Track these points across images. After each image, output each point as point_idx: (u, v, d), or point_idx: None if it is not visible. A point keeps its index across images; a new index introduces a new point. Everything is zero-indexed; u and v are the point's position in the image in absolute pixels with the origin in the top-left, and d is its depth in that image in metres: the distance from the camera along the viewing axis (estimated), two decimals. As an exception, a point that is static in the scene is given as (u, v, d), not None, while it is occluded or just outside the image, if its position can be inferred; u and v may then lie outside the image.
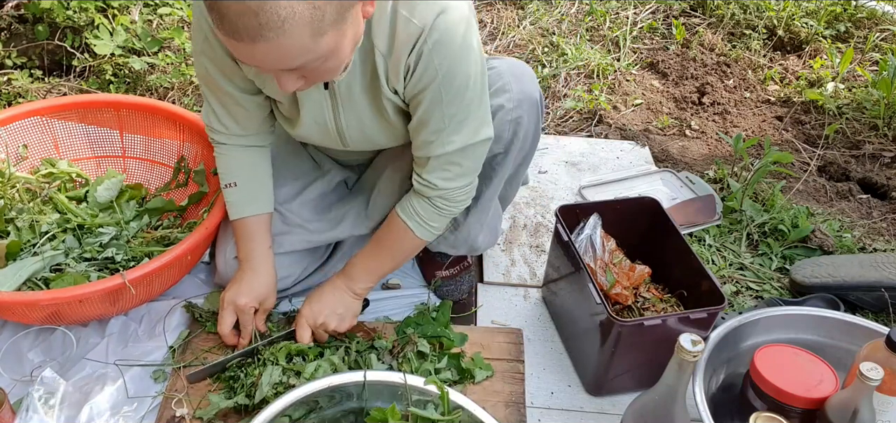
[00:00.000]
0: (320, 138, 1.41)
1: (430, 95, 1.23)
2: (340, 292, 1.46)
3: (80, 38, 2.56)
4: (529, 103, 1.40)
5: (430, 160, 1.31)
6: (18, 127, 1.75)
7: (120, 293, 1.39)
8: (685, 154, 2.35)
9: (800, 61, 2.97)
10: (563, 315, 1.61)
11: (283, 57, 0.99)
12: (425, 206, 1.38)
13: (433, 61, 1.19)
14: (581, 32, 3.02)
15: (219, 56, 1.29)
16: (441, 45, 1.18)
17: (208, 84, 1.37)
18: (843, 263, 1.74)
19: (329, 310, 1.44)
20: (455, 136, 1.28)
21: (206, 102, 1.42)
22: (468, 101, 1.25)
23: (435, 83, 1.21)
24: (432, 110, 1.25)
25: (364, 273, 1.46)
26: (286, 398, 1.23)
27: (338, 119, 1.34)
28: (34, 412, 1.30)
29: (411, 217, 1.39)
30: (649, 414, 1.15)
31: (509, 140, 1.41)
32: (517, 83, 1.39)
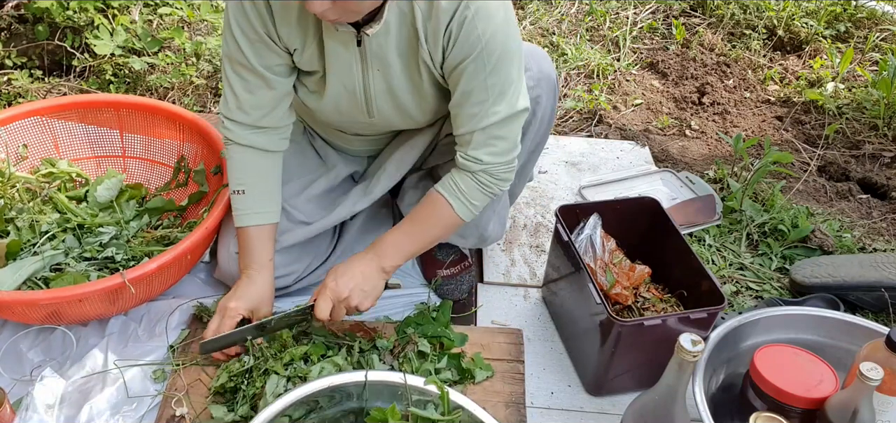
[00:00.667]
0: (347, 107, 1.38)
1: (472, 64, 1.23)
2: (369, 267, 1.40)
3: (80, 38, 2.56)
4: (548, 82, 1.42)
5: (474, 134, 1.31)
6: (18, 127, 1.76)
7: (120, 293, 1.39)
8: (685, 154, 2.36)
9: (800, 61, 2.97)
10: (563, 315, 1.61)
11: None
12: (469, 182, 1.36)
13: (476, 29, 1.19)
14: (581, 32, 3.02)
15: (255, 29, 1.28)
16: (483, 11, 1.18)
17: (236, 63, 1.34)
18: (843, 263, 1.74)
19: (355, 285, 1.38)
20: (498, 106, 1.27)
21: (228, 89, 1.38)
22: (508, 69, 1.25)
23: (477, 51, 1.21)
24: (475, 80, 1.25)
25: (395, 249, 1.42)
26: (286, 398, 1.23)
27: (367, 83, 1.32)
28: (34, 411, 1.30)
29: (453, 194, 1.37)
30: (649, 414, 1.15)
31: (528, 120, 1.41)
32: (536, 62, 1.40)
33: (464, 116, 1.31)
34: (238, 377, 1.38)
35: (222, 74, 1.39)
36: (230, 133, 1.42)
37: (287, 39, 1.30)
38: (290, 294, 1.62)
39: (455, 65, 1.25)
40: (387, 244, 1.42)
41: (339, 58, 1.30)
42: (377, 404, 1.26)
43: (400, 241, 1.42)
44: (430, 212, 1.41)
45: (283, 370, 1.37)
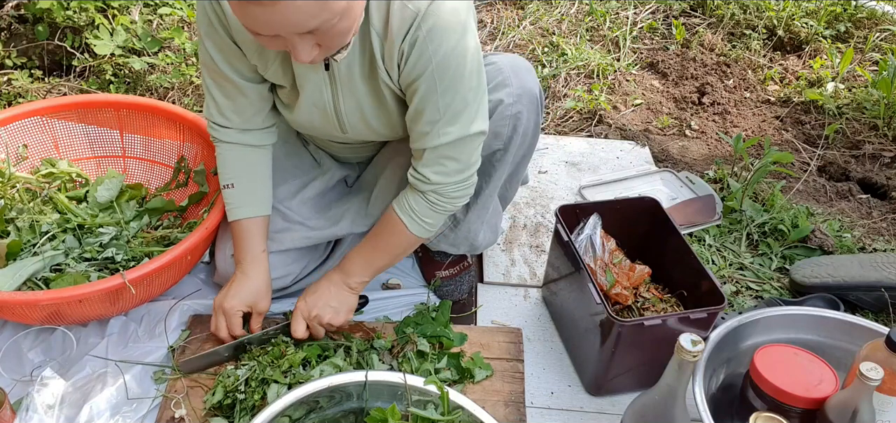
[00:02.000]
0: (320, 123, 1.40)
1: (424, 84, 1.22)
2: (336, 285, 1.46)
3: (80, 38, 2.56)
4: (529, 98, 1.40)
5: (425, 153, 1.30)
6: (18, 127, 1.75)
7: (120, 293, 1.39)
8: (685, 154, 2.36)
9: (800, 61, 2.97)
10: (563, 315, 1.61)
11: (301, 17, 1.00)
12: (419, 201, 1.36)
13: (427, 48, 1.18)
14: (581, 32, 3.02)
15: (223, 41, 1.29)
16: (436, 31, 1.17)
17: (211, 72, 1.36)
18: (843, 263, 1.74)
19: (323, 303, 1.44)
20: (450, 127, 1.26)
21: (209, 95, 1.41)
22: (464, 91, 1.24)
23: (429, 71, 1.20)
24: (427, 99, 1.24)
25: (359, 268, 1.46)
26: (286, 398, 1.23)
27: (337, 103, 1.33)
28: (34, 412, 1.30)
29: (406, 212, 1.38)
30: (649, 414, 1.15)
31: (509, 136, 1.41)
32: (516, 78, 1.39)
33: (415, 133, 1.30)
34: (233, 391, 1.37)
35: (203, 81, 1.41)
36: (216, 133, 1.45)
37: (247, 53, 1.31)
38: (289, 295, 1.62)
39: (409, 82, 1.25)
40: (352, 263, 1.46)
41: (309, 80, 1.30)
42: (377, 404, 1.26)
43: (364, 259, 1.46)
44: (389, 232, 1.43)
45: (283, 377, 1.37)
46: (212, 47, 1.32)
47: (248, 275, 1.45)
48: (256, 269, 1.46)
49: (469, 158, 1.32)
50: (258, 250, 1.47)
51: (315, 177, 1.61)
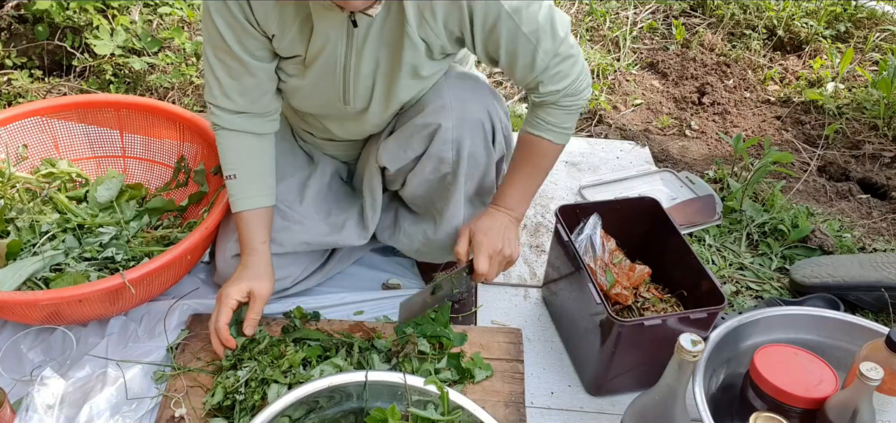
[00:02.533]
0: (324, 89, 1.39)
1: (504, 28, 1.25)
2: (508, 219, 1.44)
3: (79, 38, 2.56)
4: (471, 125, 1.38)
5: (537, 78, 1.33)
6: (18, 127, 1.75)
7: (119, 293, 1.39)
8: (685, 154, 2.36)
9: (800, 61, 2.97)
10: (563, 315, 1.61)
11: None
12: (554, 112, 1.38)
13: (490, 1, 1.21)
14: (581, 32, 3.02)
15: (236, 17, 1.28)
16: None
17: (218, 50, 1.34)
18: (843, 263, 1.74)
19: (505, 235, 1.41)
20: (545, 45, 1.28)
21: (212, 76, 1.38)
22: (536, 10, 1.26)
23: (502, 14, 1.23)
24: (515, 41, 1.27)
25: (520, 199, 1.45)
26: (286, 398, 1.23)
27: (348, 65, 1.32)
28: (34, 412, 1.30)
29: (546, 130, 1.40)
30: (649, 414, 1.15)
31: (454, 161, 1.40)
32: (459, 103, 1.37)
33: (519, 72, 1.33)
34: (233, 393, 1.37)
35: (204, 60, 1.39)
36: (217, 118, 1.42)
37: (264, 24, 1.30)
38: (289, 296, 1.62)
39: (486, 38, 1.27)
40: (510, 198, 1.45)
41: (326, 40, 1.29)
42: (377, 404, 1.26)
43: (521, 190, 1.46)
44: (534, 155, 1.44)
45: (283, 377, 1.37)
46: (222, 23, 1.29)
47: (248, 265, 1.45)
48: (256, 258, 1.45)
49: (575, 51, 1.34)
50: (258, 241, 1.46)
51: (310, 174, 1.60)
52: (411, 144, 1.41)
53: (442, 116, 1.36)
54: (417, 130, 1.39)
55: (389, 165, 1.46)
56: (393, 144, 1.44)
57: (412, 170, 1.45)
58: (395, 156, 1.45)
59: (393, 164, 1.46)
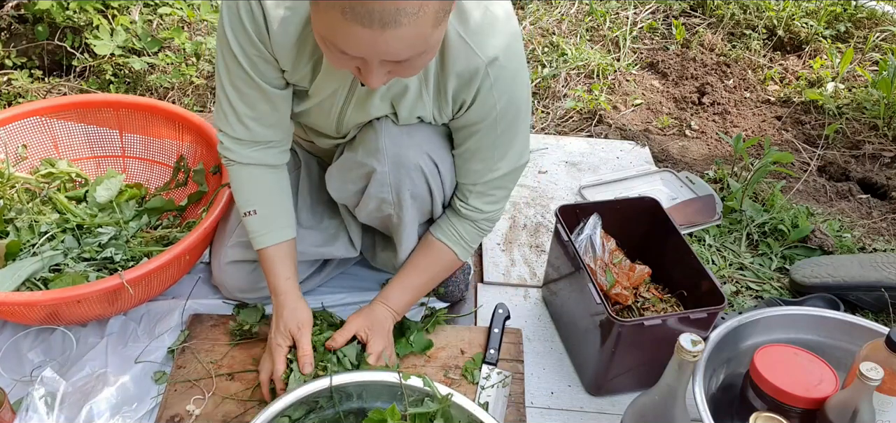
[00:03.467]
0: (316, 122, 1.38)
1: (483, 128, 1.26)
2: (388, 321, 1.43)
3: (80, 38, 2.56)
4: (409, 170, 1.31)
5: (476, 186, 1.35)
6: (18, 127, 1.76)
7: (118, 293, 1.39)
8: (685, 154, 2.35)
9: (800, 61, 2.97)
10: (563, 315, 1.61)
11: (402, 46, 0.98)
12: (469, 229, 1.42)
13: (493, 96, 1.21)
14: (581, 32, 3.02)
15: (254, 43, 1.22)
16: (503, 78, 1.20)
17: (235, 77, 1.27)
18: (843, 263, 1.74)
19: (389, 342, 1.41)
20: (502, 163, 1.31)
21: (227, 105, 1.31)
22: (516, 129, 1.28)
23: (491, 117, 1.24)
24: (484, 140, 1.27)
25: (404, 300, 1.45)
26: (286, 398, 1.23)
27: (344, 113, 1.31)
28: (34, 411, 1.30)
29: (454, 240, 1.42)
30: (649, 414, 1.15)
31: (395, 202, 1.36)
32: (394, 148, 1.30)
33: (466, 170, 1.35)
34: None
35: (219, 89, 1.31)
36: (231, 153, 1.36)
37: (278, 55, 1.25)
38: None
39: (465, 126, 1.28)
40: (393, 297, 1.45)
41: (327, 89, 1.28)
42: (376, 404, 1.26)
43: (405, 290, 1.46)
44: (431, 260, 1.45)
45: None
46: (239, 50, 1.22)
47: (284, 305, 1.37)
48: (290, 294, 1.38)
49: (515, 182, 1.38)
50: (288, 273, 1.40)
51: (298, 176, 1.58)
52: (352, 178, 1.38)
53: (376, 160, 1.30)
54: (356, 165, 1.35)
55: (334, 195, 1.45)
56: (336, 172, 1.42)
57: (357, 203, 1.42)
58: (340, 187, 1.42)
59: (338, 195, 1.44)
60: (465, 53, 1.17)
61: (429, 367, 1.48)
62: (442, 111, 1.27)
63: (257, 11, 1.18)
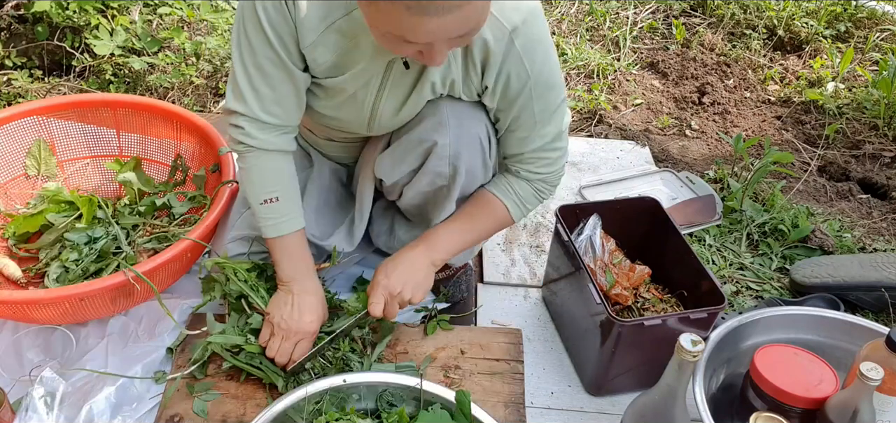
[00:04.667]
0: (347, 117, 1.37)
1: (522, 98, 1.27)
2: (420, 260, 1.40)
3: (79, 38, 2.56)
4: (469, 140, 1.35)
5: (525, 155, 1.36)
6: (16, 127, 1.75)
7: (120, 292, 1.39)
8: (685, 154, 2.35)
9: (800, 61, 2.97)
10: (563, 315, 1.60)
11: (465, 24, 1.02)
12: (526, 188, 1.41)
13: (524, 65, 1.23)
14: (581, 32, 3.02)
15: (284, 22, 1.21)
16: (530, 46, 1.22)
17: (261, 57, 1.25)
18: (843, 263, 1.74)
19: (407, 278, 1.38)
20: (547, 128, 1.33)
21: (249, 87, 1.28)
22: (555, 94, 1.30)
23: (527, 86, 1.26)
24: (524, 111, 1.29)
25: (449, 244, 1.43)
26: (286, 398, 1.23)
27: (379, 100, 1.32)
28: (34, 411, 1.30)
29: (509, 196, 1.42)
30: (649, 414, 1.15)
31: (451, 175, 1.37)
32: (456, 120, 1.33)
33: (513, 141, 1.37)
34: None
35: (240, 72, 1.28)
36: (252, 139, 1.33)
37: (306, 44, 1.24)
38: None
39: (501, 96, 1.29)
40: (438, 237, 1.43)
41: (361, 75, 1.27)
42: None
43: (451, 235, 1.44)
44: (482, 210, 1.44)
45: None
46: (268, 26, 1.21)
47: (309, 291, 1.39)
48: (314, 283, 1.40)
49: (564, 144, 1.39)
50: (310, 262, 1.41)
51: (308, 176, 1.59)
52: (407, 159, 1.39)
53: (439, 133, 1.33)
54: (413, 145, 1.37)
55: (385, 178, 1.45)
56: (389, 158, 1.43)
57: (408, 183, 1.43)
58: (392, 170, 1.43)
59: (389, 177, 1.45)
60: (488, 23, 1.18)
61: (429, 367, 1.48)
62: (471, 86, 1.30)
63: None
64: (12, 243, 1.67)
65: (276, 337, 1.38)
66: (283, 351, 1.37)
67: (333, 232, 1.57)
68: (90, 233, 1.62)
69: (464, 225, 1.44)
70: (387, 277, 1.38)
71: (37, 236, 1.69)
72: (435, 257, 1.42)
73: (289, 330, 1.36)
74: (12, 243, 1.67)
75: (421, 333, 1.55)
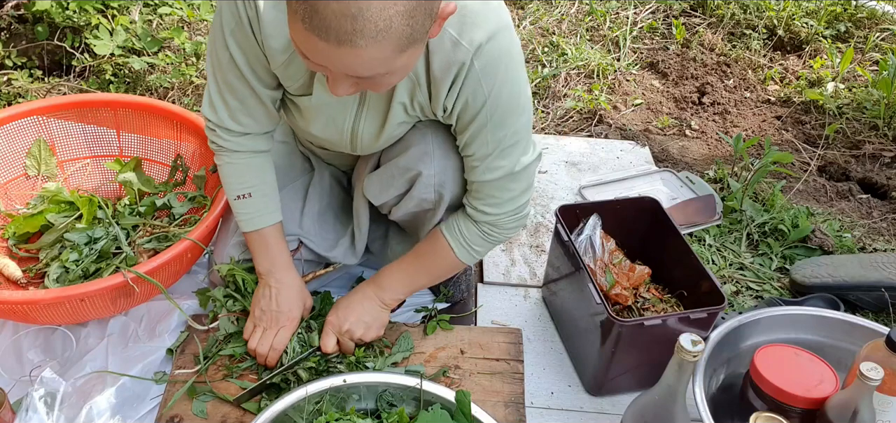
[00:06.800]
0: (331, 139, 1.37)
1: (477, 121, 1.21)
2: (369, 300, 1.44)
3: (79, 38, 2.56)
4: (454, 171, 1.34)
5: (476, 186, 1.31)
6: (16, 127, 1.75)
7: (121, 292, 1.39)
8: (685, 154, 2.35)
9: (800, 61, 2.96)
10: (563, 315, 1.61)
11: (360, 65, 0.95)
12: (472, 228, 1.36)
13: (482, 86, 1.16)
14: (581, 32, 3.02)
15: (250, 43, 1.21)
16: (490, 67, 1.15)
17: (229, 74, 1.27)
18: (843, 263, 1.74)
19: (356, 318, 1.42)
20: (501, 162, 1.25)
21: (219, 100, 1.31)
22: (516, 125, 1.23)
23: (483, 109, 1.19)
24: (478, 135, 1.23)
25: (397, 284, 1.45)
26: (286, 398, 1.23)
27: (357, 124, 1.30)
28: (34, 412, 1.30)
29: (455, 238, 1.38)
30: (649, 414, 1.15)
31: (436, 201, 1.37)
32: (441, 150, 1.32)
33: (468, 167, 1.31)
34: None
35: (211, 82, 1.31)
36: (224, 141, 1.37)
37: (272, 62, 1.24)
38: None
39: (458, 117, 1.23)
40: (389, 279, 1.45)
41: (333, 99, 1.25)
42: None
43: (402, 276, 1.45)
44: (434, 254, 1.42)
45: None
46: (235, 48, 1.22)
47: (287, 283, 1.42)
48: (292, 274, 1.44)
49: (523, 187, 1.31)
50: (287, 255, 1.44)
51: (309, 181, 1.59)
52: (394, 184, 1.39)
53: (423, 163, 1.32)
54: (400, 172, 1.36)
55: (373, 200, 1.46)
56: (376, 181, 1.42)
57: (396, 204, 1.43)
58: (379, 194, 1.43)
59: (377, 199, 1.45)
60: (450, 44, 1.14)
61: (429, 367, 1.48)
62: (435, 107, 1.24)
63: (251, 10, 1.17)
64: (12, 243, 1.67)
65: (257, 329, 1.42)
66: (264, 342, 1.40)
67: (336, 244, 1.58)
68: (90, 233, 1.62)
69: (412, 267, 1.45)
70: (336, 316, 1.43)
71: (37, 237, 1.69)
72: (385, 297, 1.45)
73: (268, 321, 1.40)
74: (12, 244, 1.67)
75: (421, 333, 1.55)
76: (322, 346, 1.42)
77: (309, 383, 1.27)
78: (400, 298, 1.47)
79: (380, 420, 1.28)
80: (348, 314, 1.42)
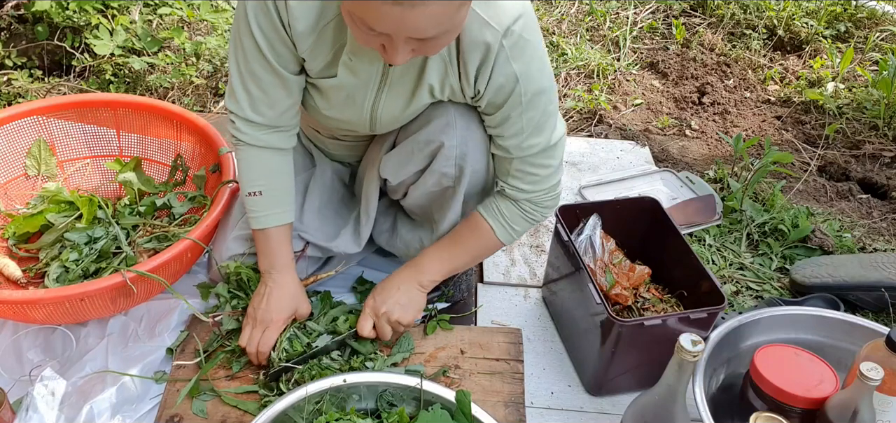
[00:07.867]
0: (349, 118, 1.37)
1: (509, 102, 1.25)
2: (407, 283, 1.45)
3: (79, 38, 2.56)
4: (476, 142, 1.36)
5: (512, 164, 1.33)
6: (15, 127, 1.75)
7: (120, 292, 1.39)
8: (685, 154, 2.35)
9: (800, 61, 2.97)
10: (563, 315, 1.61)
11: (427, 23, 0.99)
12: (512, 209, 1.39)
13: (511, 67, 1.20)
14: (581, 32, 3.02)
15: (276, 30, 1.23)
16: (518, 48, 1.19)
17: (253, 61, 1.27)
18: (843, 263, 1.74)
19: (393, 301, 1.43)
20: (535, 138, 1.29)
21: (241, 89, 1.32)
22: (545, 102, 1.27)
23: (515, 90, 1.23)
24: (510, 115, 1.26)
25: (436, 266, 1.45)
26: (286, 398, 1.23)
27: (378, 101, 1.32)
28: (34, 411, 1.30)
29: (495, 217, 1.40)
30: (649, 414, 1.15)
31: (456, 176, 1.38)
32: (463, 121, 1.34)
33: (500, 149, 1.34)
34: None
35: (234, 73, 1.32)
36: (243, 135, 1.37)
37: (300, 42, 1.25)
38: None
39: (489, 100, 1.27)
40: (425, 261, 1.45)
41: (359, 76, 1.27)
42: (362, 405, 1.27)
43: (439, 258, 1.46)
44: (471, 234, 1.43)
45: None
46: (260, 34, 1.23)
47: (281, 284, 1.43)
48: (289, 276, 1.44)
49: (556, 163, 1.36)
50: (289, 258, 1.45)
51: (310, 177, 1.60)
52: (414, 159, 1.40)
53: (446, 134, 1.33)
54: (420, 146, 1.37)
55: (391, 178, 1.46)
56: (395, 158, 1.43)
57: (414, 182, 1.44)
58: (398, 170, 1.44)
59: (395, 177, 1.45)
60: (478, 25, 1.17)
61: (429, 367, 1.48)
62: (466, 91, 1.28)
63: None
64: (12, 243, 1.67)
65: (247, 328, 1.43)
66: (252, 341, 1.41)
67: (339, 233, 1.57)
68: (90, 233, 1.62)
69: (451, 248, 1.46)
70: (374, 298, 1.45)
71: (37, 236, 1.69)
72: (422, 280, 1.45)
73: (258, 320, 1.41)
74: (12, 243, 1.67)
75: (421, 333, 1.55)
76: (358, 328, 1.43)
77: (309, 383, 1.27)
78: (437, 280, 1.47)
79: (380, 420, 1.27)
80: (386, 296, 1.43)
